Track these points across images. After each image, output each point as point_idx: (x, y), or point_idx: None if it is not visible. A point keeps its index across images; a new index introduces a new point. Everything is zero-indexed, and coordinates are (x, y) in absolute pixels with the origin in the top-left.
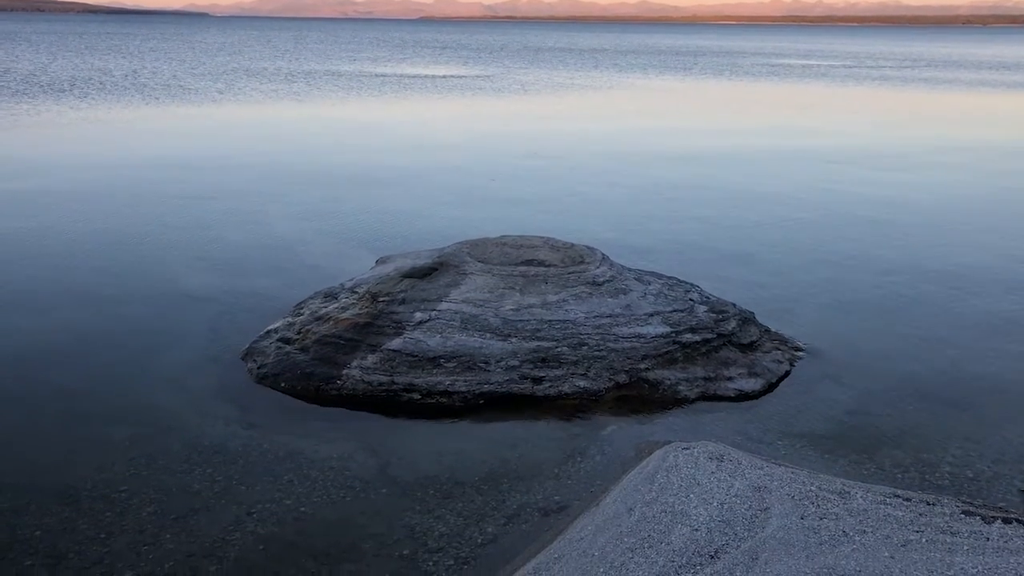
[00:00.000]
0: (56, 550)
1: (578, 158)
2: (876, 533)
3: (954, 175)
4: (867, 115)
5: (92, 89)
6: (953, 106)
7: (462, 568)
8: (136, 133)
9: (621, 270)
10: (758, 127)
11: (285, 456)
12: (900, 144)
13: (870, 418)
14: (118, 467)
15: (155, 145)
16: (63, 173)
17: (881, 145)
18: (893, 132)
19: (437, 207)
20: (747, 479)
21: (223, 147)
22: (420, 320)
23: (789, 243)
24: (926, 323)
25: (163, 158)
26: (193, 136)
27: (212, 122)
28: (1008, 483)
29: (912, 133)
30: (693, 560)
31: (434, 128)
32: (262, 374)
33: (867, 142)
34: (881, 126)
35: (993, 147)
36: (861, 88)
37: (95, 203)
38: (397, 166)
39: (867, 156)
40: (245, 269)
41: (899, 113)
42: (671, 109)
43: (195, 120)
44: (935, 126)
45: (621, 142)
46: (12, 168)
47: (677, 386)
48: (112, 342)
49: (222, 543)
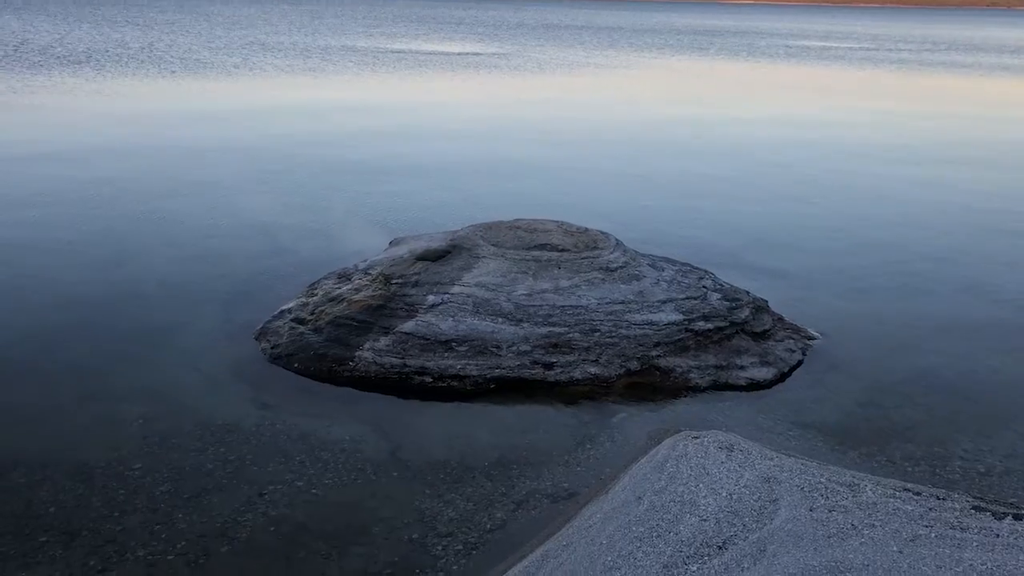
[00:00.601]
0: (70, 527)
1: (593, 142)
2: (885, 527)
3: (973, 168)
4: (884, 101)
5: (108, 62)
6: (972, 92)
7: (471, 553)
8: (152, 108)
9: (635, 256)
10: (774, 114)
11: (297, 437)
12: (917, 134)
13: (882, 410)
14: (132, 445)
15: (170, 121)
16: (77, 149)
17: (899, 135)
18: (911, 121)
19: (450, 188)
20: (757, 470)
21: (237, 125)
22: (433, 303)
23: (804, 231)
24: (941, 315)
25: (177, 135)
26: (207, 113)
27: (227, 98)
28: (1020, 478)
29: (930, 123)
30: (701, 551)
31: (448, 108)
32: (275, 354)
33: (884, 131)
34: (899, 115)
35: (1011, 140)
36: (879, 71)
37: (109, 180)
38: (411, 146)
39: (883, 146)
40: (259, 248)
41: (917, 100)
42: (688, 93)
43: (210, 95)
44: (955, 114)
45: (636, 127)
46: (26, 142)
47: (688, 374)
48: (126, 319)
49: (234, 524)
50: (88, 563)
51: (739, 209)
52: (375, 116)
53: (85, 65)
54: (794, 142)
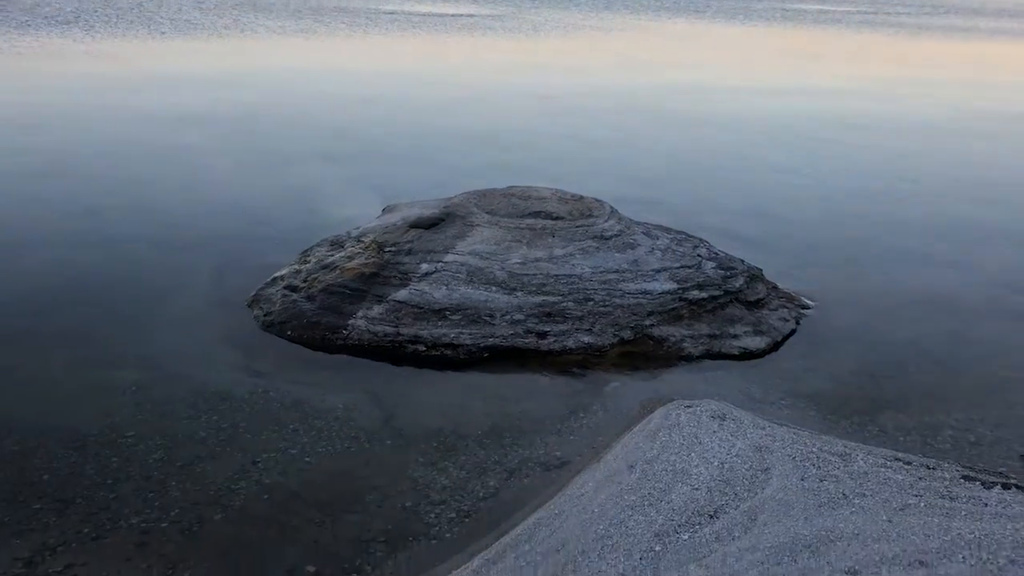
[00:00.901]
0: (64, 494)
1: (589, 108)
2: (875, 496)
3: (968, 138)
4: (881, 68)
5: (98, 22)
6: (970, 58)
7: (463, 521)
8: (142, 71)
9: (629, 224)
10: (770, 81)
11: (291, 405)
12: (913, 103)
13: (874, 379)
14: (124, 412)
15: (160, 85)
16: (65, 113)
17: (894, 104)
18: (907, 89)
19: (444, 155)
20: (749, 439)
21: (228, 90)
22: (426, 271)
23: (799, 200)
24: (935, 283)
25: (168, 99)
26: (198, 76)
27: (217, 61)
28: (1009, 448)
29: (926, 91)
30: (692, 519)
31: (441, 73)
32: (268, 321)
33: (879, 100)
34: (895, 82)
35: (1007, 109)
36: (876, 36)
37: (98, 143)
38: (404, 111)
39: (878, 116)
40: (251, 214)
41: (914, 67)
42: (683, 59)
43: (200, 58)
44: (952, 81)
45: (631, 93)
46: (11, 105)
47: (682, 343)
48: (117, 285)
49: (227, 492)
50: (82, 531)
51: (734, 177)
52: (367, 80)
53: (74, 25)
54: (789, 111)
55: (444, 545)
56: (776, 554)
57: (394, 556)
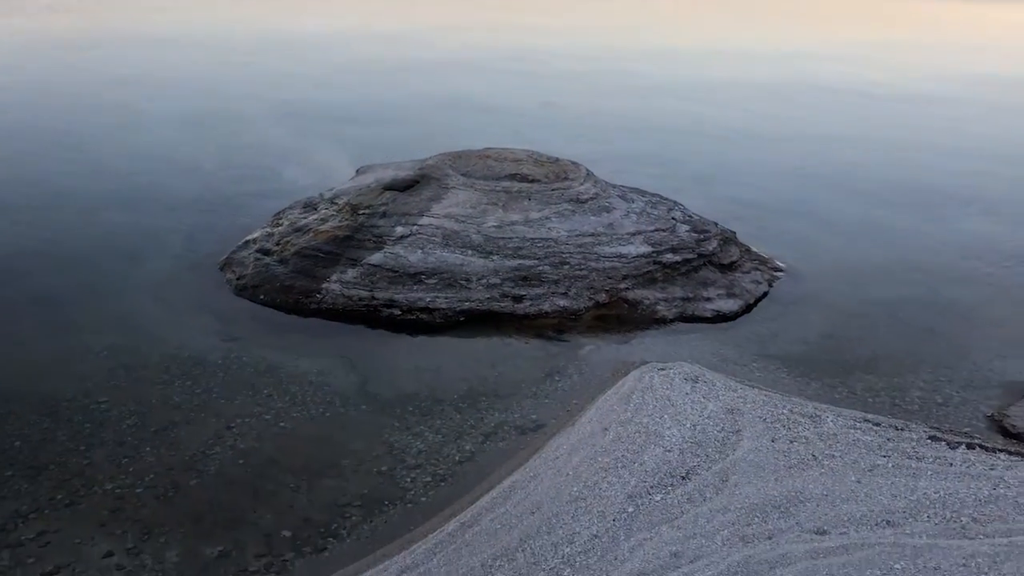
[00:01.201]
0: (37, 461)
1: (563, 70)
2: (844, 457)
3: (951, 105)
4: (876, 32)
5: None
6: (971, 21)
7: (439, 485)
8: (114, 34)
9: (605, 187)
10: (749, 42)
11: (265, 370)
12: (901, 67)
13: (845, 342)
14: (97, 378)
15: (133, 50)
16: (33, 76)
17: (883, 68)
18: (899, 54)
19: (419, 118)
20: (721, 401)
21: (200, 54)
22: (401, 235)
23: (774, 162)
24: (906, 246)
25: (141, 64)
26: (171, 40)
27: (189, 24)
28: (975, 408)
29: (916, 56)
30: (665, 481)
31: (417, 36)
32: (241, 285)
33: (868, 64)
34: (888, 46)
35: (993, 73)
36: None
37: (70, 107)
38: (376, 71)
39: (864, 80)
40: (222, 176)
41: (912, 29)
42: (664, 20)
43: (172, 21)
44: (947, 44)
45: (607, 54)
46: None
47: (656, 306)
48: (89, 249)
49: (202, 457)
50: (55, 497)
51: (710, 140)
52: (342, 44)
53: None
54: (771, 76)
55: (420, 509)
56: (747, 515)
57: (370, 520)
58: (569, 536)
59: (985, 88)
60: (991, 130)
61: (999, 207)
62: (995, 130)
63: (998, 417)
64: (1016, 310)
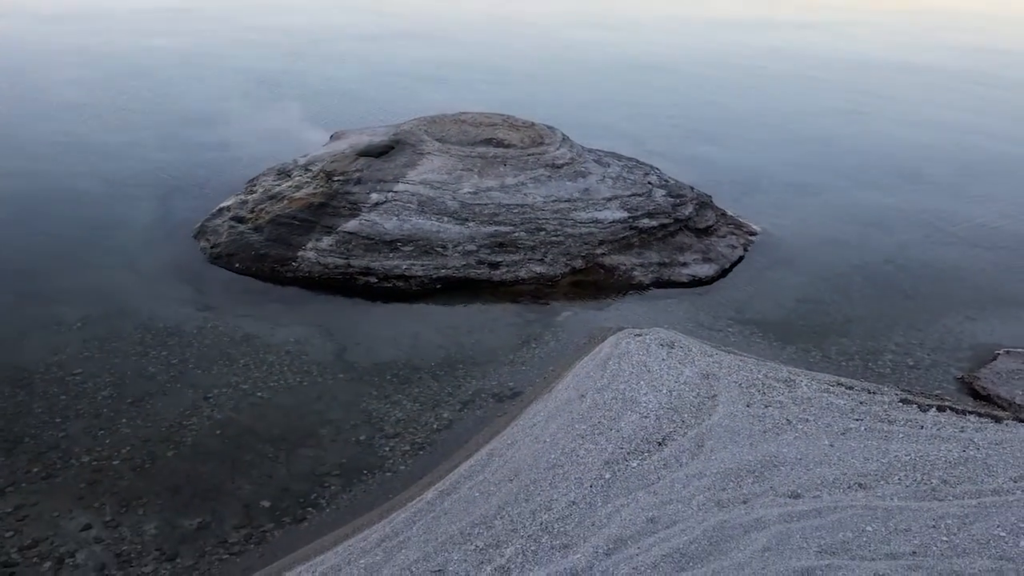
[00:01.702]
0: (12, 434)
1: (538, 33)
2: (818, 422)
3: (915, 73)
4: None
5: None
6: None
7: (418, 453)
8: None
9: (581, 152)
10: (728, 8)
11: (241, 339)
12: (881, 36)
13: (819, 305)
14: (71, 349)
15: (104, 17)
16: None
17: (862, 37)
18: (878, 20)
19: (391, 82)
20: (696, 366)
21: (170, 20)
22: (376, 201)
23: (751, 123)
24: (880, 207)
25: (112, 32)
26: (143, 6)
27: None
28: (945, 371)
29: (900, 25)
30: (641, 447)
31: (389, 2)
32: (215, 254)
33: (831, 33)
34: (852, 14)
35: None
36: None
37: (37, 74)
38: (348, 34)
39: (838, 47)
40: (194, 142)
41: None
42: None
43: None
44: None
45: (581, 16)
46: None
47: (632, 271)
48: (60, 219)
49: (179, 428)
50: (31, 470)
51: (685, 102)
52: (312, 9)
53: None
54: (746, 40)
55: (399, 477)
56: (722, 480)
57: (349, 490)
58: (547, 503)
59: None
60: (976, 102)
61: (975, 176)
62: (982, 103)
63: (968, 379)
64: (986, 273)
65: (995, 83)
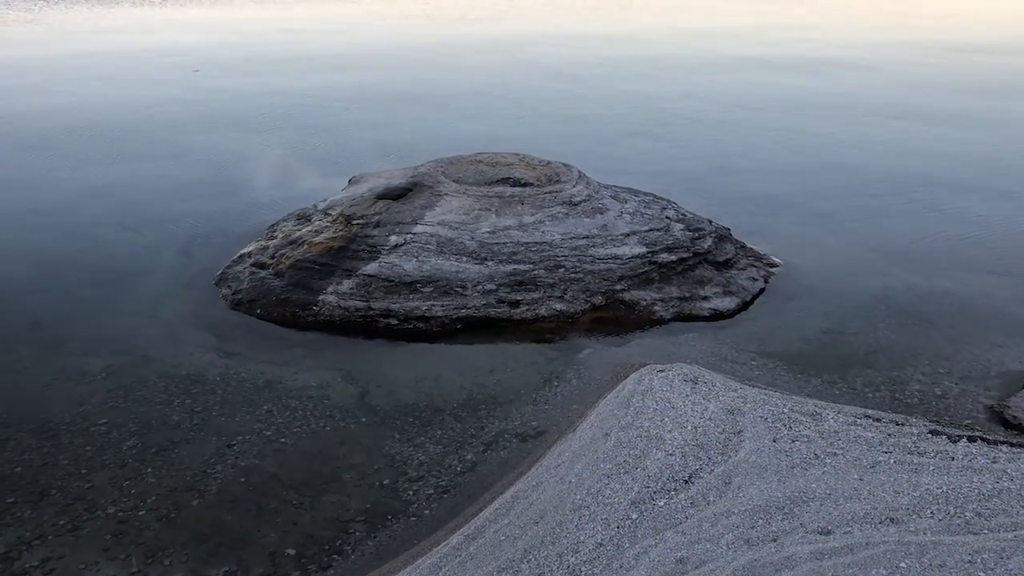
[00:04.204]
0: (38, 486)
1: (545, 67)
2: (846, 455)
3: (937, 94)
4: (842, 16)
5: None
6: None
7: (442, 497)
8: (95, 38)
9: (598, 188)
10: (728, 30)
11: (264, 385)
12: (885, 52)
13: (843, 336)
14: (96, 399)
15: (114, 55)
16: (19, 87)
17: (867, 52)
18: (880, 36)
19: (406, 122)
20: (721, 402)
21: (181, 60)
22: (396, 244)
23: (765, 155)
24: (900, 237)
25: (119, 74)
26: (150, 47)
27: (169, 26)
28: (974, 400)
29: (902, 38)
30: (668, 485)
31: (398, 34)
32: (237, 300)
33: (852, 47)
34: (859, 30)
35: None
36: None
37: (54, 122)
38: (362, 75)
39: (846, 64)
40: (214, 189)
41: (874, 12)
42: (642, 14)
43: (155, 25)
44: (927, 29)
45: (585, 49)
46: None
47: (653, 307)
48: (83, 268)
49: (204, 476)
50: (58, 523)
51: (699, 135)
52: (323, 42)
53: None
54: (757, 64)
55: (423, 522)
56: (751, 517)
57: (374, 535)
58: (574, 545)
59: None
60: (995, 114)
61: (998, 192)
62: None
63: (998, 408)
64: (1013, 300)
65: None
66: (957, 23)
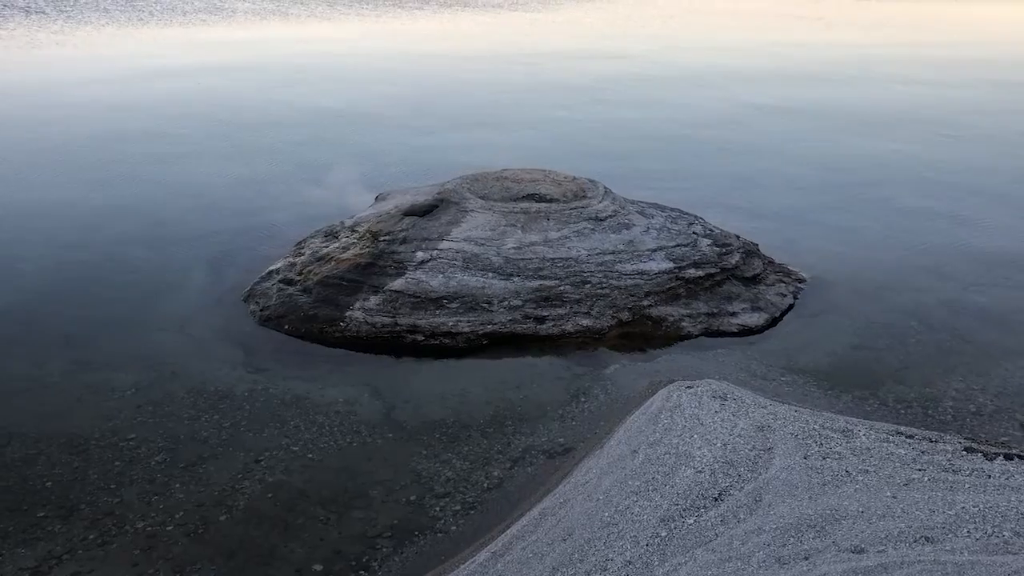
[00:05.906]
0: (68, 501)
1: (572, 81)
2: (879, 472)
3: (964, 99)
4: (860, 29)
5: (73, 9)
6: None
7: (468, 513)
8: (122, 62)
9: (624, 204)
10: (758, 45)
11: (291, 401)
12: (910, 58)
13: (874, 352)
14: (125, 415)
15: (141, 76)
16: (44, 107)
17: (892, 61)
18: (900, 50)
19: (432, 138)
20: (750, 418)
21: (209, 80)
22: (422, 260)
23: (791, 170)
24: (931, 252)
25: (150, 91)
26: (181, 66)
27: (197, 48)
28: (1010, 417)
29: (922, 51)
30: (697, 503)
31: (423, 53)
32: (265, 316)
33: (878, 60)
34: (887, 44)
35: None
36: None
37: (83, 143)
38: (388, 91)
39: (876, 77)
40: (242, 207)
41: (895, 25)
42: (665, 30)
43: (180, 45)
44: (949, 42)
45: (609, 65)
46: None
47: (680, 322)
48: (113, 285)
49: (231, 492)
50: (87, 537)
51: (725, 150)
52: (350, 62)
53: (50, 13)
54: (777, 76)
55: (450, 539)
56: (782, 535)
57: (400, 552)
58: (602, 563)
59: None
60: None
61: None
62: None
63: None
64: None
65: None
66: (986, 36)
